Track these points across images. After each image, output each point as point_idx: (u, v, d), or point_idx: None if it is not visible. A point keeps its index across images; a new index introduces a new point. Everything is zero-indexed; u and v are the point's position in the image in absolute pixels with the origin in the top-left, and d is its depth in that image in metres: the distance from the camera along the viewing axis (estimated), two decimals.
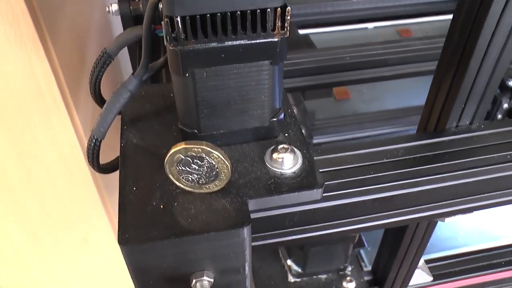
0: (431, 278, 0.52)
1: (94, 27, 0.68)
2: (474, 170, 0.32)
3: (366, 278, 0.53)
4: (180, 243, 0.25)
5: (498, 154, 0.33)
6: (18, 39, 0.41)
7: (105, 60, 0.31)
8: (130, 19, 0.56)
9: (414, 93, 0.80)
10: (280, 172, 0.29)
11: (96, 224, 0.95)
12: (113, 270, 1.03)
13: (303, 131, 0.57)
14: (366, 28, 0.93)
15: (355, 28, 0.93)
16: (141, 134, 0.32)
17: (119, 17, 0.58)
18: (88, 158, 0.33)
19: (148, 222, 0.26)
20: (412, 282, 0.52)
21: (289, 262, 0.50)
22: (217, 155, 0.26)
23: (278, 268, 0.51)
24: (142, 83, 0.32)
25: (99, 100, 0.34)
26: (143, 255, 0.26)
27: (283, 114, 0.31)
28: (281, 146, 0.29)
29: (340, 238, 0.45)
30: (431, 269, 0.53)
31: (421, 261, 0.53)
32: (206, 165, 0.26)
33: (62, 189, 0.68)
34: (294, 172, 0.29)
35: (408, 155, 0.32)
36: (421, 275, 0.52)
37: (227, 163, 0.26)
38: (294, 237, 0.33)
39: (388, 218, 0.34)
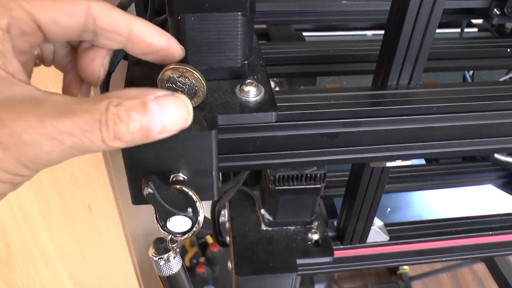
0: (388, 238, 0.59)
1: None
2: (406, 117, 0.40)
3: (330, 234, 0.60)
4: (162, 140, 0.34)
5: (426, 105, 0.40)
6: None
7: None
8: None
9: None
10: (246, 99, 0.37)
11: (101, 194, 1.04)
12: (114, 240, 1.11)
13: None
14: (365, 35, 1.01)
15: (354, 35, 1.01)
16: (143, 69, 0.40)
17: None
18: (100, 90, 0.42)
19: None
20: (370, 239, 0.59)
21: (262, 211, 0.57)
22: (196, 75, 0.34)
23: (253, 218, 0.59)
24: None
25: None
26: (133, 147, 0.34)
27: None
28: (248, 80, 0.38)
29: (306, 189, 0.52)
30: (389, 232, 0.60)
31: (381, 223, 0.60)
32: (188, 83, 0.35)
33: None
34: (256, 101, 0.37)
35: (349, 100, 0.40)
36: (378, 234, 0.59)
37: (204, 83, 0.34)
38: (257, 162, 0.41)
39: (335, 155, 0.42)
